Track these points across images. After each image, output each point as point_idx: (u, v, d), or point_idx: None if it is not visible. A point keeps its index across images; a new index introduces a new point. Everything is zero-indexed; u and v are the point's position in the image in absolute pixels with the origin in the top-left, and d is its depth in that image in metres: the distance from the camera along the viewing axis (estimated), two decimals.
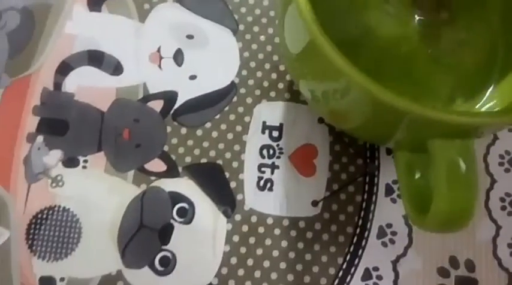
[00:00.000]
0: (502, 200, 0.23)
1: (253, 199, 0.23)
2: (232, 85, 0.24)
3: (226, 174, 0.23)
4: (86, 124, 0.23)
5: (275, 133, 0.24)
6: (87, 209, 0.22)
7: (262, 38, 0.25)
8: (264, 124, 0.24)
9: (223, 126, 0.24)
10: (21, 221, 0.22)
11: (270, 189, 0.23)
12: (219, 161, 0.23)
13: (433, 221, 0.16)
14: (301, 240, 0.22)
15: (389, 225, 0.23)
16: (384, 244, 0.22)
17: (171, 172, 0.23)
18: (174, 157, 0.23)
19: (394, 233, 0.23)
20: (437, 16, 0.24)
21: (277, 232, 0.22)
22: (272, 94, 0.24)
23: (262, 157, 0.23)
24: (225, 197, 0.23)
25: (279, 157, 0.23)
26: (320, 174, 0.23)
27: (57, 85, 0.24)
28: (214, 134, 0.24)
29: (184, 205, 0.22)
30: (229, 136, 0.24)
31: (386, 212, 0.23)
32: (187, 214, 0.22)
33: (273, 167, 0.23)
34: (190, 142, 0.24)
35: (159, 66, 0.25)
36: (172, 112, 0.24)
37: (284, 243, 0.22)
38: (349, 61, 0.15)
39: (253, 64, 0.25)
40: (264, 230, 0.22)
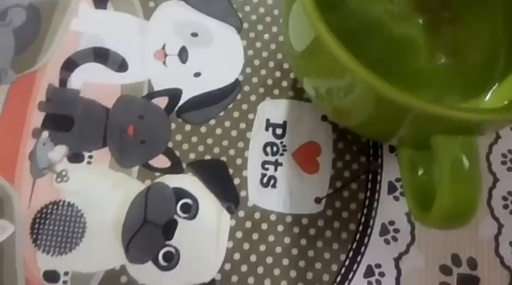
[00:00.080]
0: (505, 198, 0.23)
1: (257, 195, 0.23)
2: (236, 83, 0.25)
3: (230, 171, 0.23)
4: (91, 120, 0.24)
5: (279, 131, 0.24)
6: (92, 204, 0.23)
7: (266, 36, 0.25)
8: (268, 121, 0.24)
9: (227, 123, 0.24)
10: (26, 216, 0.22)
11: (274, 186, 0.23)
12: (223, 158, 0.23)
13: (436, 217, 0.16)
14: (304, 237, 0.22)
15: (392, 222, 0.23)
16: (387, 241, 0.23)
17: (175, 168, 0.23)
18: (178, 153, 0.23)
19: (396, 231, 0.23)
20: (440, 15, 0.24)
21: (280, 228, 0.23)
22: (276, 92, 0.25)
23: (266, 154, 0.24)
24: (228, 194, 0.23)
25: (282, 154, 0.24)
26: (323, 171, 0.23)
27: (63, 82, 0.24)
28: (218, 131, 0.24)
29: (188, 201, 0.23)
30: (233, 133, 0.24)
31: (389, 209, 0.23)
32: (191, 210, 0.22)
33: (276, 164, 0.23)
34: (195, 139, 0.24)
35: (164, 63, 0.25)
36: (176, 109, 0.24)
37: (287, 239, 0.22)
38: (353, 58, 0.15)
39: (257, 62, 0.25)
40: (267, 226, 0.23)
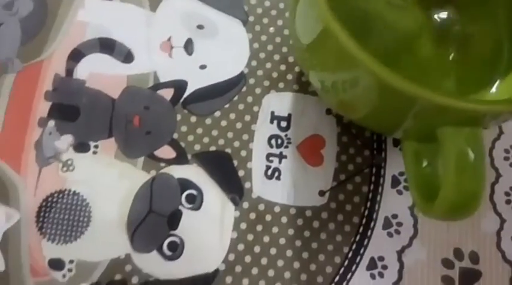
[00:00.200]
0: (507, 194, 0.23)
1: (261, 187, 0.23)
2: (242, 76, 0.25)
3: (235, 162, 0.23)
4: (97, 111, 0.24)
5: (283, 123, 0.24)
6: (97, 194, 0.23)
7: (272, 30, 0.26)
8: (273, 114, 0.24)
9: (232, 115, 0.24)
10: (32, 204, 0.22)
11: (278, 178, 0.23)
12: (228, 150, 0.24)
13: (441, 208, 0.17)
14: (308, 229, 0.23)
15: (395, 216, 0.23)
16: (390, 234, 0.23)
17: (181, 159, 0.23)
18: (183, 144, 0.24)
19: (399, 224, 0.23)
20: (445, 9, 0.24)
21: (284, 220, 0.23)
22: (281, 85, 0.25)
23: (271, 146, 0.24)
24: (233, 185, 0.23)
25: (287, 147, 0.24)
26: (327, 164, 0.23)
27: (69, 72, 0.24)
28: (223, 123, 0.24)
29: (193, 192, 0.23)
30: (238, 125, 0.24)
31: (392, 203, 0.23)
32: (195, 201, 0.23)
33: (280, 156, 0.24)
34: (200, 130, 0.24)
35: (170, 55, 0.25)
36: (182, 100, 0.24)
37: (291, 231, 0.23)
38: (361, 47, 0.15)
39: (262, 55, 0.25)
40: (271, 218, 0.23)
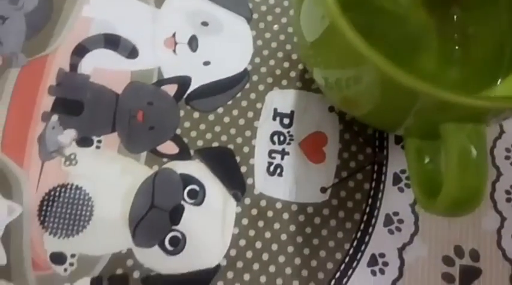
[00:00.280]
0: (508, 192, 0.24)
1: (263, 183, 0.23)
2: (245, 72, 0.25)
3: (237, 158, 0.23)
4: (100, 105, 0.24)
5: (286, 120, 0.24)
6: (100, 188, 0.23)
7: (276, 27, 0.26)
8: (276, 111, 0.24)
9: (235, 112, 0.24)
10: (34, 198, 0.22)
11: (280, 174, 0.23)
12: (230, 146, 0.24)
13: (443, 204, 0.17)
14: (309, 225, 0.23)
15: (396, 213, 0.23)
16: (391, 231, 0.23)
17: (183, 154, 0.23)
18: (186, 140, 0.24)
19: (400, 221, 0.23)
20: (448, 10, 0.24)
21: (285, 216, 0.23)
22: (284, 82, 0.25)
23: (273, 143, 0.24)
24: (235, 181, 0.23)
25: (289, 144, 0.24)
26: (329, 161, 0.24)
27: (73, 67, 0.24)
28: (226, 119, 0.24)
29: (195, 187, 0.23)
30: (241, 121, 0.24)
31: (394, 200, 0.23)
32: (197, 196, 0.23)
33: (283, 153, 0.24)
34: (203, 126, 0.24)
35: (174, 51, 0.25)
36: (185, 96, 0.24)
37: (292, 227, 0.23)
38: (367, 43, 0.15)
39: (266, 52, 0.25)
40: (273, 214, 0.23)
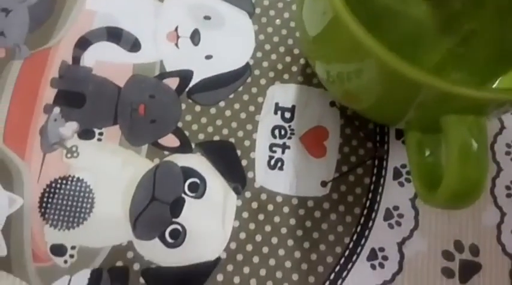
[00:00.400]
0: (508, 188, 0.24)
1: (264, 177, 0.23)
2: (247, 67, 0.25)
3: (238, 152, 0.24)
4: (102, 98, 0.24)
5: (287, 115, 0.24)
6: (101, 181, 0.23)
7: (278, 22, 0.26)
8: (277, 105, 0.24)
9: (236, 106, 0.24)
10: (35, 190, 0.23)
11: (281, 168, 0.23)
12: (232, 140, 0.24)
13: (443, 196, 0.17)
14: (309, 219, 0.23)
15: (396, 207, 0.23)
16: (391, 226, 0.23)
17: (184, 147, 0.23)
18: (187, 133, 0.24)
19: (400, 216, 0.23)
20: (450, 5, 0.24)
21: (286, 210, 0.23)
22: (285, 77, 0.25)
23: (274, 137, 0.24)
24: (236, 174, 0.23)
25: (290, 138, 0.24)
26: (330, 156, 0.24)
27: (76, 59, 0.24)
28: (228, 113, 0.24)
29: (196, 180, 0.23)
30: (242, 115, 0.24)
31: (394, 195, 0.23)
32: (198, 189, 0.23)
33: (284, 147, 0.24)
34: (204, 120, 0.24)
35: (176, 45, 0.25)
36: (187, 90, 0.24)
37: (292, 221, 0.23)
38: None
39: (268, 46, 0.25)
40: (273, 207, 0.23)
